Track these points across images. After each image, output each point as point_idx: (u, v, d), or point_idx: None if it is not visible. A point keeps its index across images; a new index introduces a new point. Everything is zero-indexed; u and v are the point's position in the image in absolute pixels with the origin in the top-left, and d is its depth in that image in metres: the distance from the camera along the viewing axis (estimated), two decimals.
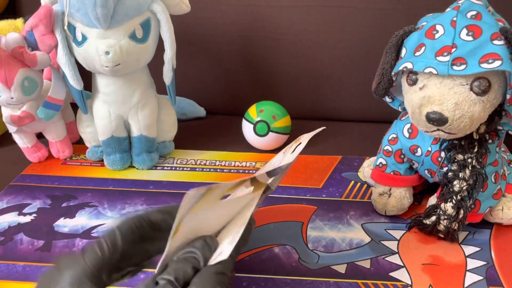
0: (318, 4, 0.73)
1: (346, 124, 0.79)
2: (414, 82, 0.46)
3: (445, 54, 0.42)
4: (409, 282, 0.46)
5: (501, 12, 0.47)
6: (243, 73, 0.79)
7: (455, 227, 0.49)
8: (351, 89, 0.77)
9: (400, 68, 0.46)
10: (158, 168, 0.66)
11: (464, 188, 0.48)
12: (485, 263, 0.48)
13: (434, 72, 0.43)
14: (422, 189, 0.59)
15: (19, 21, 0.69)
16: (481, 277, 0.46)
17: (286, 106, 0.70)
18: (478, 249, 0.50)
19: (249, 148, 0.70)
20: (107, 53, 0.55)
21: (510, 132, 0.49)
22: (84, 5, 0.53)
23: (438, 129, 0.44)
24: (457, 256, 0.49)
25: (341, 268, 0.48)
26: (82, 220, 0.55)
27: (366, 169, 0.61)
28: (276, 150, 0.69)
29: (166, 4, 0.59)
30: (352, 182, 0.62)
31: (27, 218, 0.56)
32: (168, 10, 0.59)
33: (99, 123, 0.64)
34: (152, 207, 0.57)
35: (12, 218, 0.56)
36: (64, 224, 0.55)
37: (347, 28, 0.74)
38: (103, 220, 0.55)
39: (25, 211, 0.57)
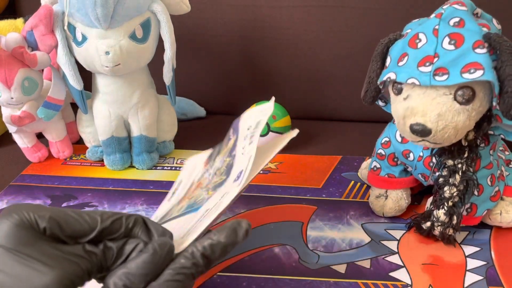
0: (318, 4, 0.73)
1: (346, 124, 0.79)
2: (399, 92, 0.45)
3: (427, 64, 0.41)
4: (409, 282, 0.46)
5: (501, 12, 0.47)
6: (243, 73, 0.79)
7: (450, 233, 0.48)
8: (351, 89, 0.77)
9: (384, 78, 0.45)
10: (158, 168, 0.66)
11: (455, 194, 0.47)
12: (485, 263, 0.48)
13: (417, 83, 0.42)
14: (422, 189, 0.58)
15: (19, 21, 0.69)
16: (481, 277, 0.46)
17: (286, 106, 0.70)
18: (478, 249, 0.50)
19: None
20: (107, 53, 0.55)
21: (502, 136, 0.48)
22: (84, 5, 0.53)
23: (423, 139, 0.44)
24: (457, 256, 0.49)
25: (341, 268, 0.48)
26: None
27: (363, 171, 0.61)
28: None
29: (166, 4, 0.59)
30: (352, 182, 0.62)
31: None
32: (168, 10, 0.59)
33: (99, 123, 0.64)
34: (152, 207, 0.57)
35: None
36: None
37: (347, 28, 0.74)
38: None
39: None
